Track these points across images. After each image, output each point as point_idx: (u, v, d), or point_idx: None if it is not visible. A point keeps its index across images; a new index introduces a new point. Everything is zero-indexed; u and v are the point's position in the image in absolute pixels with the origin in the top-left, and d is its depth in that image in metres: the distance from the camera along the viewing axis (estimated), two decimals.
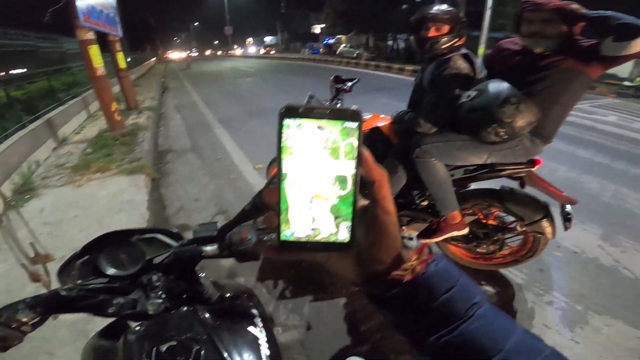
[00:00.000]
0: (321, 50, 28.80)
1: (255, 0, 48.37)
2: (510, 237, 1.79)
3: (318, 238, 0.28)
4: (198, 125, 5.83)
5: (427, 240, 1.78)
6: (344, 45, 24.12)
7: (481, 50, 8.94)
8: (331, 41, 30.07)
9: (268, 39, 48.60)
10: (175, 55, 49.85)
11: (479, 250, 1.88)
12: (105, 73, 4.43)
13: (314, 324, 1.69)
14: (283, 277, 2.00)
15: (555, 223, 1.61)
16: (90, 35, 4.19)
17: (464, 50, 1.62)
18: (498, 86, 1.41)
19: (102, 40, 5.04)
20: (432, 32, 1.58)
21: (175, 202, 3.05)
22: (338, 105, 2.04)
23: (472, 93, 1.47)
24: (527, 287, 1.90)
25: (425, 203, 1.84)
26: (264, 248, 0.33)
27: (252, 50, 42.59)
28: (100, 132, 4.72)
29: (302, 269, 2.08)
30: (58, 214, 2.63)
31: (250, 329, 0.64)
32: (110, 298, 0.59)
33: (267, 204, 0.29)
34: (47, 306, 0.56)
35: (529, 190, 1.65)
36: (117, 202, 2.79)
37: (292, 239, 0.28)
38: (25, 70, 4.73)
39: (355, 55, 20.16)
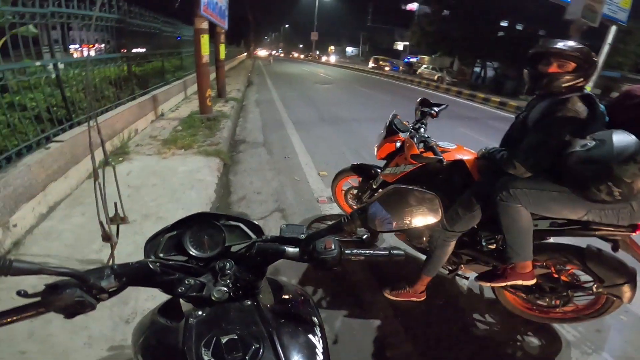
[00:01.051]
0: (401, 67, 28.46)
1: (344, 10, 49.75)
2: (581, 295, 1.64)
3: None
4: (273, 121, 6.14)
5: (486, 284, 1.69)
6: (425, 65, 23.48)
7: (588, 87, 8.00)
8: (412, 60, 29.55)
9: (350, 50, 49.63)
10: (263, 53, 53.73)
11: (538, 302, 1.76)
12: (208, 61, 4.90)
13: (341, 338, 1.68)
14: (324, 286, 2.00)
15: (637, 290, 1.46)
16: (205, 25, 4.66)
17: (585, 92, 1.45)
18: (624, 139, 1.22)
19: (210, 31, 5.44)
20: (553, 68, 1.44)
21: (240, 190, 3.22)
22: (422, 130, 1.97)
23: (590, 143, 1.29)
24: (577, 344, 1.75)
25: (492, 246, 1.71)
26: None
27: (332, 58, 43.88)
28: (192, 114, 5.23)
29: (345, 282, 2.05)
30: (140, 180, 2.95)
31: (310, 336, 0.62)
32: (183, 277, 0.60)
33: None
34: (132, 276, 0.57)
35: (620, 254, 1.49)
36: (191, 179, 3.04)
37: None
38: (145, 49, 5.38)
39: (436, 77, 19.45)
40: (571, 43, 1.45)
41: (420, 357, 1.62)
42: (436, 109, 2.11)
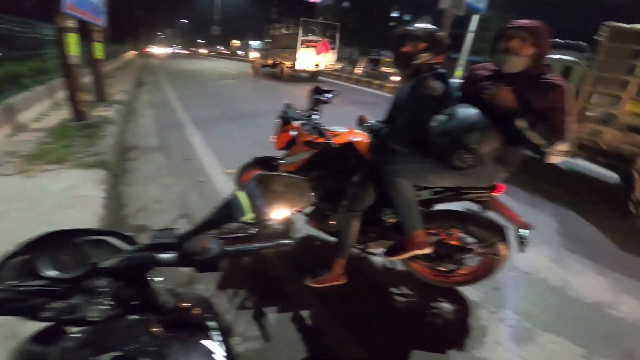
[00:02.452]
0: None
1: (247, 3, 48.22)
2: (469, 257, 1.85)
3: None
4: (170, 123, 5.66)
5: (392, 258, 1.82)
6: None
7: (458, 72, 9.36)
8: None
9: (254, 43, 48.54)
10: (158, 50, 48.70)
11: (439, 268, 1.94)
12: (79, 62, 4.24)
13: (273, 335, 1.66)
14: (244, 286, 1.96)
15: (510, 246, 1.70)
16: (70, 23, 4.02)
17: (439, 70, 1.66)
18: (466, 111, 1.45)
19: (84, 28, 4.85)
20: (407, 48, 1.62)
21: (135, 202, 2.91)
22: (314, 117, 2.04)
23: (442, 117, 1.50)
24: (482, 304, 1.98)
25: (392, 221, 1.87)
26: None
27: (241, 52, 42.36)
28: (63, 122, 4.46)
29: (265, 279, 2.05)
30: (2, 205, 2.43)
31: (204, 342, 0.61)
32: (46, 301, 0.55)
33: None
34: None
35: (491, 214, 1.72)
36: (69, 196, 2.62)
37: None
38: None
39: (341, 67, 20.47)
40: (421, 25, 1.64)
41: (354, 337, 1.70)
42: (328, 95, 2.20)
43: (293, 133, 2.11)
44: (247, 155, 3.97)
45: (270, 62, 14.53)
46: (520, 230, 1.65)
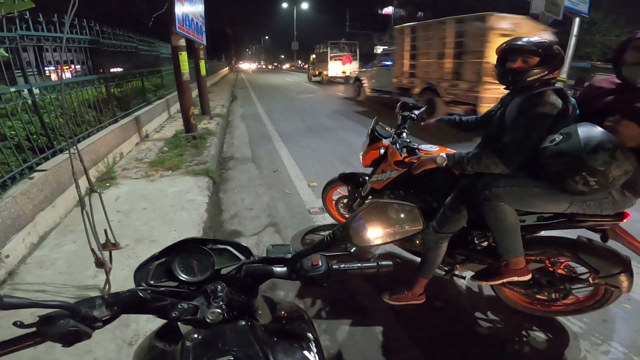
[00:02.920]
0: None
1: (322, 18, 50.46)
2: (579, 287, 1.66)
3: None
4: (259, 136, 6.15)
5: (482, 282, 1.71)
6: None
7: (562, 79, 8.33)
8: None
9: None
10: (245, 66, 54.07)
11: (538, 296, 1.77)
12: (189, 79, 4.89)
13: (344, 349, 1.68)
14: (322, 297, 2.00)
15: (634, 278, 1.49)
16: (182, 42, 4.65)
17: (557, 85, 1.49)
18: (589, 130, 1.27)
19: (188, 47, 5.46)
20: (518, 64, 1.48)
21: (231, 208, 3.21)
22: (404, 135, 2.01)
23: (557, 137, 1.35)
24: (584, 335, 1.76)
25: (485, 244, 1.74)
26: None
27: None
28: (177, 133, 5.19)
29: (342, 290, 2.06)
30: (130, 204, 2.91)
31: (305, 353, 0.64)
32: (176, 302, 0.61)
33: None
34: (123, 305, 0.58)
35: (611, 243, 1.52)
36: (181, 200, 3.02)
37: None
38: (122, 69, 5.33)
39: None
40: (533, 38, 1.49)
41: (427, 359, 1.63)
42: (416, 112, 2.15)
43: (382, 151, 2.09)
44: (330, 169, 4.16)
45: (317, 72, 19.76)
46: None
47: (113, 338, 1.53)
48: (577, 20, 8.61)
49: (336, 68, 17.93)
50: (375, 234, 0.63)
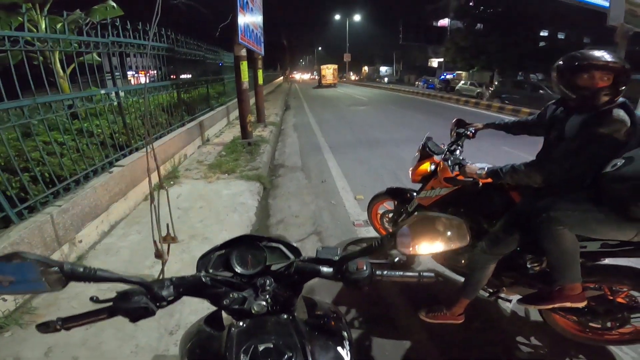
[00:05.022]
0: (437, 85, 28.04)
1: (374, 29, 50.49)
2: (639, 317, 1.55)
3: None
4: (310, 145, 6.30)
5: (531, 307, 1.68)
6: (463, 82, 22.91)
7: None
8: (449, 76, 28.99)
9: (383, 69, 49.96)
10: (299, 76, 55.96)
11: (591, 324, 1.67)
12: (248, 87, 5.18)
13: (371, 358, 1.66)
14: (357, 306, 1.99)
15: None
16: (243, 52, 4.94)
17: (621, 99, 1.36)
18: None
19: (248, 57, 5.66)
20: (597, 82, 1.33)
21: (278, 214, 3.31)
22: (457, 152, 1.93)
23: (619, 161, 1.25)
24: None
25: (537, 269, 1.64)
26: None
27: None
28: (234, 139, 5.53)
29: (379, 303, 2.03)
30: (189, 202, 3.15)
31: (339, 349, 0.67)
32: (229, 291, 0.68)
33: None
34: (187, 288, 0.65)
35: None
36: (234, 202, 3.20)
37: None
38: (190, 76, 5.74)
39: (475, 94, 18.83)
40: (608, 55, 1.34)
41: None
42: (472, 129, 2.08)
43: (432, 167, 2.02)
44: (377, 182, 4.10)
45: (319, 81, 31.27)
46: None
47: (157, 327, 1.63)
48: None
49: (326, 78, 31.35)
50: (422, 244, 0.64)
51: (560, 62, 1.45)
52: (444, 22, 34.98)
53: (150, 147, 1.85)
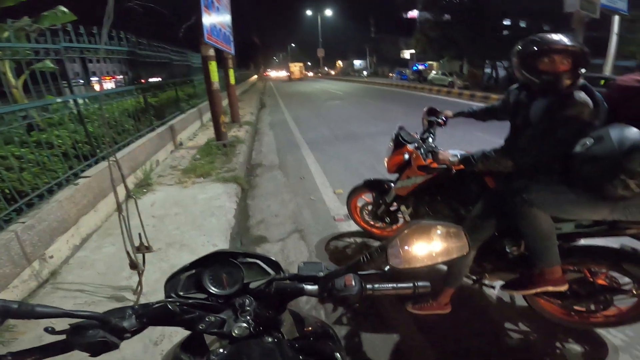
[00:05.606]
0: (409, 76, 28.51)
1: (346, 24, 50.66)
2: (622, 298, 1.57)
3: None
4: (287, 143, 6.25)
5: (514, 292, 1.67)
6: (434, 72, 23.42)
7: (610, 76, 7.84)
8: (421, 67, 29.53)
9: (357, 63, 50.29)
10: (273, 73, 55.67)
11: (576, 307, 1.69)
12: (219, 88, 5.07)
13: (361, 356, 1.65)
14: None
15: None
16: (211, 52, 4.82)
17: (581, 82, 1.39)
18: (622, 131, 1.20)
19: (218, 57, 5.54)
20: (559, 65, 1.35)
21: (258, 214, 3.27)
22: (429, 140, 1.96)
23: (588, 141, 1.27)
24: (626, 349, 1.65)
25: (517, 253, 1.67)
26: None
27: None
28: (208, 141, 5.39)
29: (366, 298, 2.03)
30: (164, 210, 3.05)
31: None
32: (204, 315, 0.61)
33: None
34: (152, 317, 0.58)
35: None
36: (211, 206, 3.12)
37: None
38: (159, 79, 5.55)
39: (447, 83, 19.30)
40: (566, 39, 1.37)
41: None
42: (443, 117, 2.11)
43: (406, 157, 2.04)
44: (356, 176, 4.12)
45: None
46: None
47: (140, 337, 1.56)
48: (616, 18, 8.11)
49: (294, 73, 39.25)
50: (416, 257, 0.60)
51: (520, 47, 1.46)
52: (414, 13, 35.52)
53: (114, 156, 1.77)
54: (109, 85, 4.51)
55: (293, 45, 68.61)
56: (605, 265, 1.52)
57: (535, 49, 1.40)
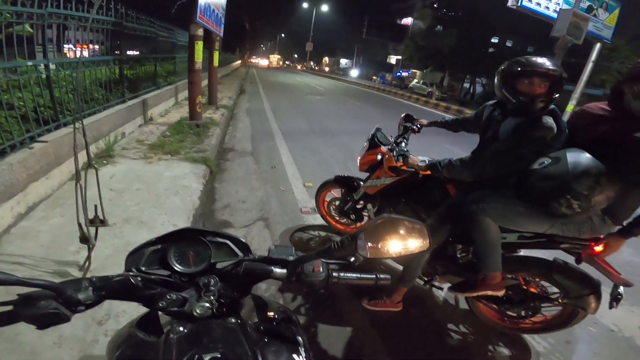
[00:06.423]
0: (390, 81, 29.05)
1: (339, 21, 50.57)
2: (548, 306, 1.71)
3: None
4: (262, 131, 6.19)
5: (459, 294, 1.75)
6: (416, 80, 24.00)
7: (570, 107, 8.19)
8: (404, 74, 30.15)
9: (344, 62, 50.43)
10: (259, 61, 54.97)
11: (508, 312, 1.83)
12: (201, 68, 4.93)
13: (318, 347, 1.71)
14: (303, 294, 2.03)
15: (601, 301, 1.53)
16: (200, 32, 4.70)
17: (551, 107, 1.49)
18: (577, 156, 1.31)
19: (205, 37, 5.39)
20: (536, 88, 1.43)
21: (224, 198, 3.23)
22: (402, 144, 2.04)
23: (546, 160, 1.38)
24: (547, 355, 1.81)
25: (466, 258, 1.80)
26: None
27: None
28: (181, 120, 5.23)
29: (326, 290, 2.07)
30: (124, 184, 2.93)
31: (295, 356, 0.62)
32: (165, 292, 0.59)
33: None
34: (111, 290, 0.55)
35: (584, 266, 1.57)
36: (176, 185, 3.04)
37: None
38: (139, 53, 5.37)
39: (426, 92, 19.86)
40: (549, 63, 1.43)
41: None
42: (418, 124, 2.19)
43: (379, 157, 2.12)
44: (328, 171, 4.17)
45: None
46: (618, 286, 1.45)
47: (82, 316, 1.49)
48: (597, 45, 8.39)
49: (272, 62, 48.58)
50: (383, 248, 0.61)
51: (504, 67, 1.53)
52: (407, 20, 36.06)
53: (80, 122, 1.68)
54: (84, 54, 4.29)
55: (283, 35, 67.60)
56: (538, 275, 1.66)
57: (519, 69, 1.45)
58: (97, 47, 4.28)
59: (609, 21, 8.28)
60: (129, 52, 4.89)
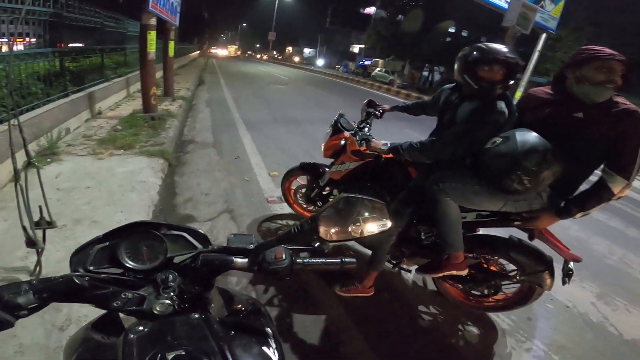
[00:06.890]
0: (352, 69, 29.25)
1: (303, 11, 49.87)
2: (507, 284, 1.79)
3: None
4: (224, 122, 6.00)
5: (425, 275, 1.82)
6: (379, 69, 24.39)
7: (518, 94, 8.78)
8: (367, 63, 30.48)
9: (307, 51, 49.95)
10: (219, 51, 52.84)
11: (473, 292, 1.90)
12: (154, 58, 4.66)
13: (294, 337, 1.71)
14: (275, 285, 2.01)
15: (555, 277, 1.62)
16: (153, 21, 4.45)
17: (505, 93, 1.59)
18: (525, 134, 1.41)
19: (159, 27, 5.16)
20: (495, 75, 1.51)
21: (186, 192, 3.12)
22: (365, 129, 2.07)
23: (498, 140, 1.47)
24: (511, 332, 1.90)
25: (431, 240, 1.86)
26: None
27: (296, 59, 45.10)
28: (134, 112, 4.93)
29: (295, 280, 2.08)
30: (72, 182, 2.72)
31: (264, 348, 0.60)
32: (119, 291, 0.55)
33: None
34: (55, 292, 0.51)
35: (537, 243, 1.66)
36: (131, 180, 2.88)
37: None
38: (84, 44, 5.07)
39: (388, 80, 20.26)
40: (506, 50, 1.52)
41: (372, 352, 1.68)
42: (380, 110, 2.23)
43: (342, 142, 2.14)
44: (292, 160, 4.15)
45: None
46: (569, 262, 1.56)
47: (42, 322, 1.43)
48: (543, 36, 8.96)
49: (230, 51, 55.19)
50: (344, 229, 0.60)
51: (465, 53, 1.58)
52: (370, 10, 36.20)
53: (16, 118, 1.53)
54: (19, 47, 3.92)
55: (245, 25, 65.43)
56: (496, 253, 1.74)
57: (482, 56, 1.52)
58: (33, 40, 3.95)
59: (555, 12, 8.85)
60: (72, 45, 4.59)
